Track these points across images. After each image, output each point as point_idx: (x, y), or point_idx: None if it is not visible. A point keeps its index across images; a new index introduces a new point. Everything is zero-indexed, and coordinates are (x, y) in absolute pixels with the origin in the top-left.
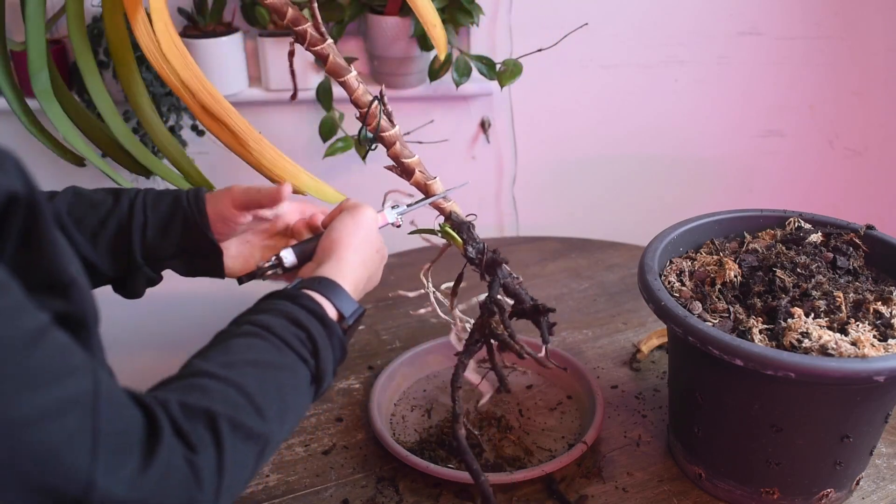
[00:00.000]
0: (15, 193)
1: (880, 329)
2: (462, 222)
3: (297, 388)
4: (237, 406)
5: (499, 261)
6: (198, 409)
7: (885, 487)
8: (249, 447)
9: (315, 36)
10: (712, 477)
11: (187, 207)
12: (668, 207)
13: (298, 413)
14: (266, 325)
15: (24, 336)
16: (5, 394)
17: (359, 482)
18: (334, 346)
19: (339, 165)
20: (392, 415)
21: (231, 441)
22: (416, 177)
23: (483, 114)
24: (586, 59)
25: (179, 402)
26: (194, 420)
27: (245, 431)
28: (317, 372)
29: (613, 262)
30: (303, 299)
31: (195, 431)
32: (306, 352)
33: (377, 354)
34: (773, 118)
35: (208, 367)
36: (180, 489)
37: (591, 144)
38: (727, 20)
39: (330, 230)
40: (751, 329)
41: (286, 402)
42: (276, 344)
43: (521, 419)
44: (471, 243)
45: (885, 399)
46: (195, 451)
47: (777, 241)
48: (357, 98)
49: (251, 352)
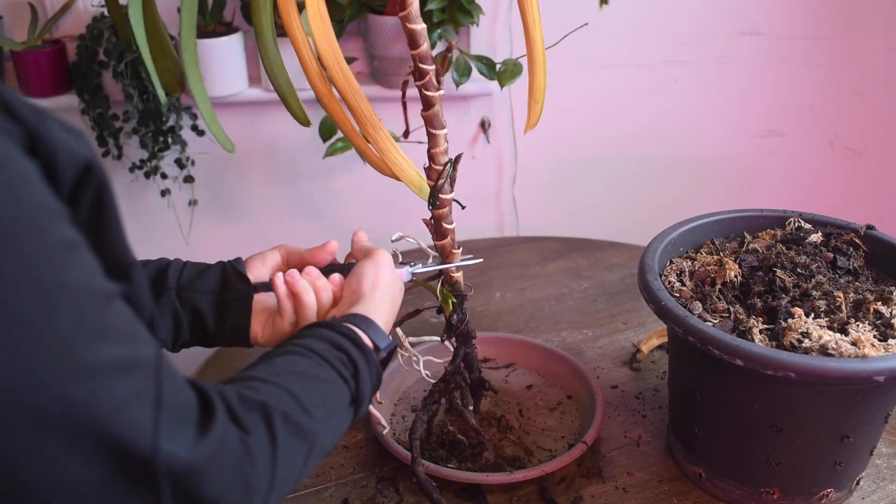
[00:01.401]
0: (92, 163)
1: (880, 329)
2: (462, 295)
3: (339, 402)
4: (287, 403)
5: (472, 335)
6: (252, 400)
7: (885, 487)
8: (299, 443)
9: (433, 82)
10: (712, 477)
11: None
12: (668, 207)
13: (340, 426)
14: (309, 346)
15: (99, 292)
16: (75, 343)
17: (359, 482)
18: (372, 372)
19: (340, 165)
20: (392, 415)
21: (283, 433)
22: (445, 242)
23: (483, 114)
24: (586, 59)
25: (235, 392)
26: (248, 408)
27: (295, 426)
28: (356, 394)
29: (613, 262)
30: (342, 328)
31: (249, 417)
32: (347, 372)
33: None
34: (773, 118)
35: (256, 373)
36: (235, 464)
37: (591, 144)
38: (727, 20)
39: (354, 275)
40: (751, 329)
41: (330, 409)
42: (318, 361)
43: (522, 419)
44: (458, 313)
45: (885, 399)
46: (249, 433)
47: (777, 241)
48: (436, 154)
49: (296, 366)
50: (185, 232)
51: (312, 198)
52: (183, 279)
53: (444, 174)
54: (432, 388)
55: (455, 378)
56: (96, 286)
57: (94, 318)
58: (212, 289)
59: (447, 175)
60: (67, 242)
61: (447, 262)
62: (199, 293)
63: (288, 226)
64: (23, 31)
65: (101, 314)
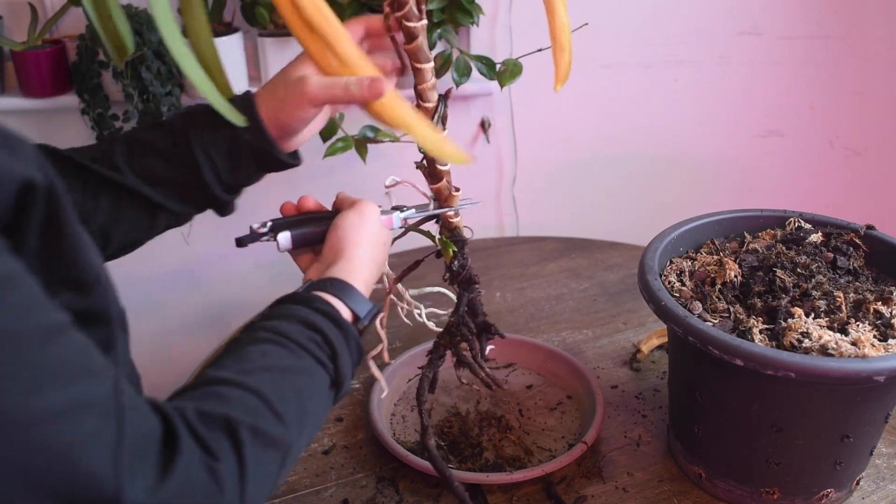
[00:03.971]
0: (32, 181)
1: (880, 329)
2: (462, 239)
3: (316, 392)
4: (256, 412)
5: (475, 279)
6: (216, 416)
7: (885, 487)
8: (270, 455)
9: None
10: (712, 477)
11: (250, 139)
12: (668, 207)
13: (318, 418)
14: (281, 331)
15: (37, 332)
16: (13, 391)
17: (359, 482)
18: (351, 348)
19: (340, 165)
20: (392, 415)
21: (252, 448)
22: (441, 185)
23: (483, 114)
24: (586, 59)
25: (196, 410)
26: (212, 427)
27: (266, 439)
28: (336, 376)
29: (613, 262)
30: (316, 302)
31: (214, 439)
32: (324, 356)
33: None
34: (773, 118)
35: (224, 374)
36: (203, 494)
37: (591, 144)
38: (727, 20)
39: (335, 228)
40: (751, 329)
41: (305, 407)
42: (291, 349)
43: (521, 419)
44: (459, 259)
45: (885, 399)
46: (216, 458)
47: (777, 241)
48: (424, 90)
49: (267, 358)
50: (184, 232)
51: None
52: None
53: (435, 111)
54: (436, 342)
55: (460, 329)
56: (35, 324)
57: (35, 361)
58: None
59: (439, 112)
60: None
61: (444, 207)
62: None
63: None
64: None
65: (41, 355)
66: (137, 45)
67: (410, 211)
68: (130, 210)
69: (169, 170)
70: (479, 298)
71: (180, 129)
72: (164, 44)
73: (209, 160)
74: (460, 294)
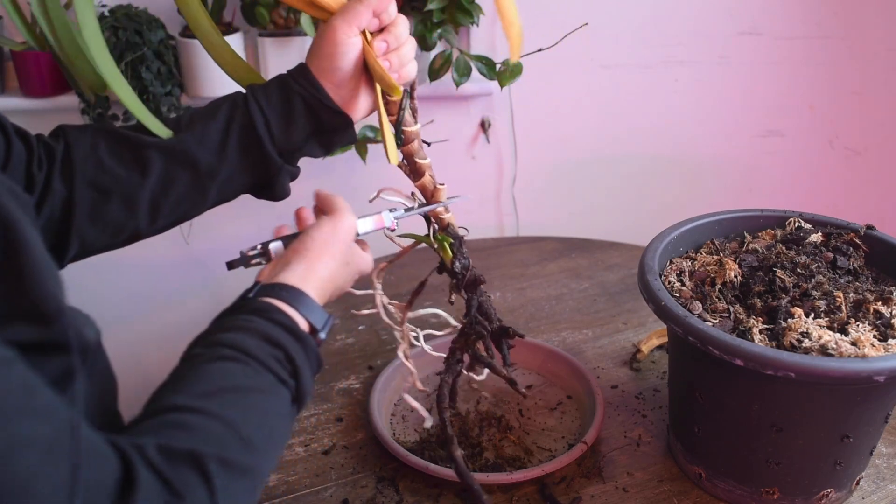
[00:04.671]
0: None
1: (880, 329)
2: (457, 235)
3: (280, 412)
4: (222, 441)
5: (480, 279)
6: (180, 452)
7: (885, 487)
8: (242, 484)
9: None
10: (712, 477)
11: (300, 88)
12: (668, 207)
13: (283, 440)
14: (240, 347)
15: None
16: None
17: (359, 482)
18: (311, 362)
19: (340, 166)
20: (392, 415)
21: (223, 481)
22: (425, 180)
23: (483, 114)
24: (586, 59)
25: (158, 446)
26: (177, 464)
27: (236, 469)
28: (298, 392)
29: (613, 262)
30: (273, 313)
31: (179, 477)
32: (285, 373)
33: (377, 354)
34: (773, 118)
35: (184, 400)
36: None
37: (591, 144)
38: (727, 20)
39: (307, 233)
40: (751, 329)
41: (271, 429)
42: (254, 367)
43: (521, 419)
44: (459, 258)
45: (885, 399)
46: (179, 496)
47: (777, 241)
48: None
49: (228, 378)
50: (185, 232)
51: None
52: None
53: (402, 105)
54: (451, 347)
55: (474, 328)
56: None
57: None
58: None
59: (405, 105)
60: None
61: (431, 203)
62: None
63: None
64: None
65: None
66: (137, 44)
67: (400, 211)
68: (181, 179)
69: (225, 131)
70: (489, 301)
71: (241, 95)
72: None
73: (263, 116)
74: (469, 298)
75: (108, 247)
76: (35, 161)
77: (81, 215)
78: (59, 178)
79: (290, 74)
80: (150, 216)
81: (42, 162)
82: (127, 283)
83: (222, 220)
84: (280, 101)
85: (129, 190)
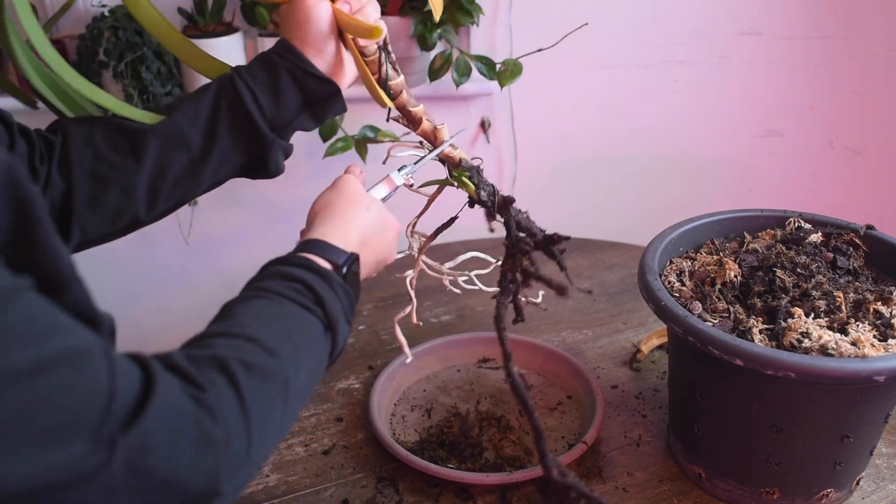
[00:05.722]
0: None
1: (880, 329)
2: (472, 167)
3: (306, 331)
4: (245, 350)
5: (510, 199)
6: (202, 357)
7: (885, 487)
8: (269, 387)
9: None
10: (712, 477)
11: (284, 61)
12: (668, 207)
13: (315, 357)
14: (261, 287)
15: None
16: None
17: (359, 482)
18: (337, 292)
19: (340, 166)
20: (392, 415)
21: (247, 380)
22: (424, 125)
23: (483, 114)
24: (586, 59)
25: (180, 354)
26: (200, 366)
27: (261, 372)
28: (327, 318)
29: (613, 262)
30: (292, 259)
31: (202, 374)
32: (308, 300)
33: (377, 354)
34: (773, 118)
35: (209, 330)
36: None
37: (591, 144)
38: (727, 20)
39: (312, 205)
40: (751, 329)
41: (297, 343)
42: (273, 299)
43: (521, 419)
44: (483, 187)
45: (885, 399)
46: (201, 388)
47: (777, 241)
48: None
49: (250, 310)
50: (185, 232)
51: (312, 198)
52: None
53: (382, 61)
54: (502, 270)
55: (518, 246)
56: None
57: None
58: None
59: (385, 61)
60: None
61: (436, 146)
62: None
63: (288, 226)
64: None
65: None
66: (137, 44)
67: (404, 167)
68: (176, 161)
69: (214, 110)
70: (525, 215)
71: (227, 75)
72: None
73: (250, 91)
74: (506, 219)
75: (107, 235)
76: (37, 156)
77: (81, 204)
78: (57, 170)
79: (272, 50)
80: (149, 202)
81: (43, 156)
82: (126, 282)
83: (222, 223)
84: (266, 76)
85: (126, 176)
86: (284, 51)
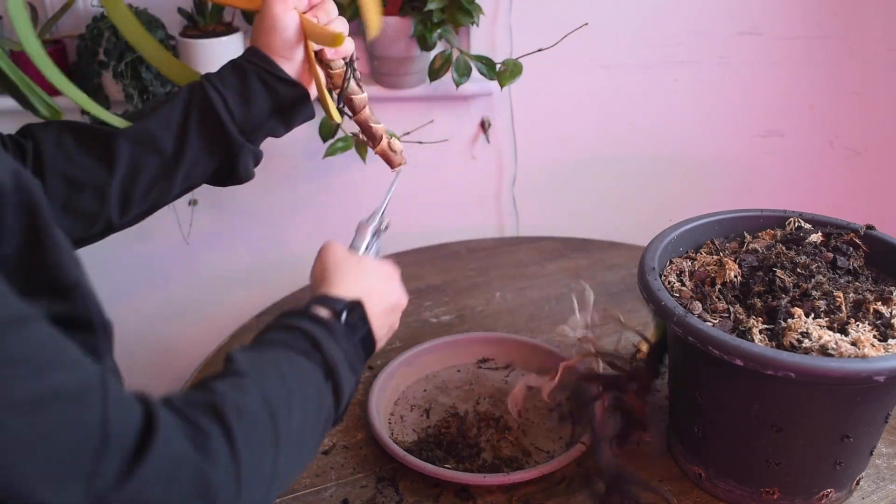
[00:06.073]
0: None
1: (880, 329)
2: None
3: (301, 377)
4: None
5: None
6: (199, 402)
7: (885, 487)
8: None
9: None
10: (712, 477)
11: (253, 66)
12: (668, 207)
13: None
14: (258, 339)
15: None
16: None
17: (359, 482)
18: (337, 338)
19: (339, 165)
20: (391, 415)
21: (238, 425)
22: (382, 144)
23: (483, 114)
24: (586, 59)
25: (179, 398)
26: (197, 411)
27: (252, 417)
28: (326, 364)
29: (613, 262)
30: (291, 311)
31: (200, 420)
32: (303, 346)
33: (377, 354)
34: (773, 118)
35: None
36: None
37: (591, 144)
38: (727, 20)
39: (310, 283)
40: (751, 329)
41: (290, 387)
42: (270, 347)
43: (520, 420)
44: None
45: (885, 399)
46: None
47: (777, 241)
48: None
49: (246, 358)
50: (185, 232)
51: (312, 198)
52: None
53: (347, 76)
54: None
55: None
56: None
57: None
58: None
59: (350, 76)
60: None
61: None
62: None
63: (288, 226)
64: None
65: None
66: None
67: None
68: (147, 165)
69: (185, 114)
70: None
71: (197, 83)
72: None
73: (220, 96)
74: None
75: (82, 240)
76: None
77: (56, 209)
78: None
79: (241, 57)
80: (121, 206)
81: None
82: (126, 282)
83: (221, 223)
84: (236, 81)
85: (99, 179)
86: (254, 56)
